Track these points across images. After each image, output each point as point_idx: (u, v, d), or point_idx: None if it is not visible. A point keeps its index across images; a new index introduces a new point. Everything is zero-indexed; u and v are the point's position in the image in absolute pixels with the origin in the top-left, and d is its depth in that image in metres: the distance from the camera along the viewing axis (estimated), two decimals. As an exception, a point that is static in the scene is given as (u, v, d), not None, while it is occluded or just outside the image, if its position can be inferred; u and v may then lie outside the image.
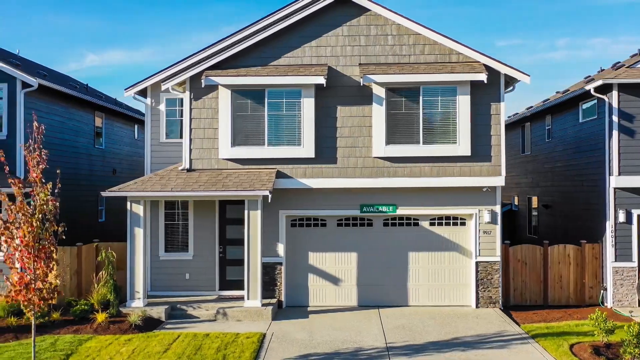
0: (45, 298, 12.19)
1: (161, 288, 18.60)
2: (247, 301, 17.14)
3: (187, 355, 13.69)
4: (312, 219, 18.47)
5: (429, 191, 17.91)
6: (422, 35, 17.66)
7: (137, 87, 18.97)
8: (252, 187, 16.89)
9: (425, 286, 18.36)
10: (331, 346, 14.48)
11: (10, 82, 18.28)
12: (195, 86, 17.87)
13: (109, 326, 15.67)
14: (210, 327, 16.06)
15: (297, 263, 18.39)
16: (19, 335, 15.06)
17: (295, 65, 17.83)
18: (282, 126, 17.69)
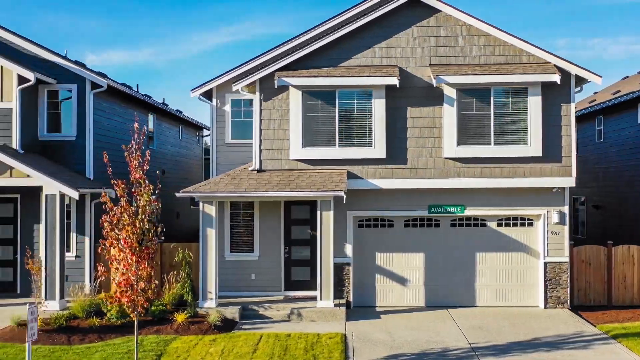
0: (150, 299, 12.25)
1: (227, 288, 18.62)
2: (319, 302, 17.18)
3: (277, 355, 13.73)
4: (380, 220, 18.51)
5: (497, 192, 17.95)
6: (493, 36, 17.70)
7: (203, 88, 19.04)
8: (325, 188, 16.93)
9: (493, 286, 18.40)
10: (415, 346, 14.52)
11: (80, 83, 18.32)
12: (265, 87, 17.91)
13: (189, 326, 15.70)
14: (287, 328, 16.09)
15: (365, 263, 18.43)
16: (102, 336, 15.09)
17: (365, 66, 17.88)
18: (352, 127, 17.73)
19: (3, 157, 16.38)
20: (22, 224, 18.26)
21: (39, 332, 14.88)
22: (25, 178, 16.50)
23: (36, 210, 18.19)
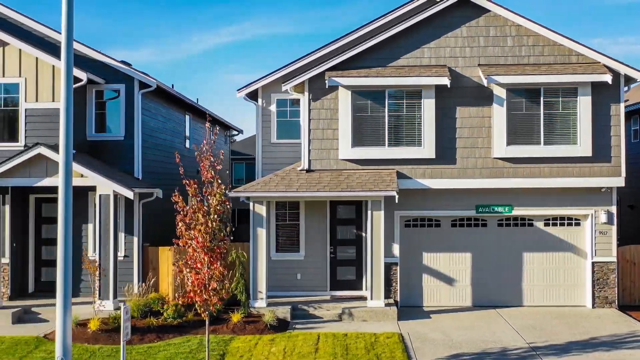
0: (223, 298, 12.28)
1: (273, 288, 18.61)
2: (369, 301, 17.21)
3: (340, 355, 13.75)
4: (427, 220, 18.53)
5: (545, 191, 17.96)
6: (542, 36, 17.72)
7: (249, 88, 19.09)
8: (377, 188, 16.96)
9: (540, 286, 18.41)
10: (474, 346, 14.53)
11: (128, 83, 18.33)
12: (314, 87, 17.94)
13: (244, 326, 15.73)
14: (340, 327, 16.11)
15: (411, 263, 18.44)
16: (160, 336, 15.11)
17: (414, 66, 17.90)
18: (401, 127, 17.75)
19: (57, 156, 16.36)
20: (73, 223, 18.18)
21: (98, 332, 14.99)
22: (79, 178, 16.51)
23: (84, 211, 18.21)
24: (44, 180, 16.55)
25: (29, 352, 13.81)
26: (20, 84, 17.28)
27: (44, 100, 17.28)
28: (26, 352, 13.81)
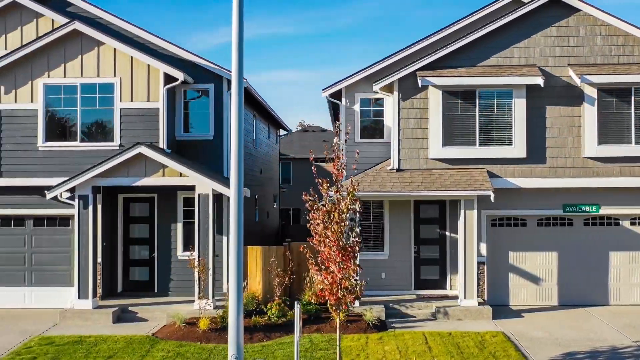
0: (358, 296, 12.31)
1: (357, 287, 18.68)
2: (462, 300, 17.26)
3: (455, 353, 13.79)
4: (512, 219, 18.57)
5: (632, 191, 17.99)
6: (633, 35, 17.76)
7: (333, 88, 19.18)
8: (471, 187, 17.03)
9: (626, 285, 18.44)
10: (582, 344, 14.56)
11: (217, 83, 18.36)
12: (403, 87, 17.99)
13: (347, 325, 15.76)
14: (439, 326, 16.15)
15: (498, 262, 18.48)
16: (268, 335, 15.16)
17: (504, 65, 17.95)
18: (492, 126, 17.80)
19: (157, 155, 16.45)
20: (159, 223, 18.29)
21: (208, 331, 15.04)
22: (177, 177, 16.57)
23: (173, 210, 18.25)
24: (143, 180, 16.58)
25: (148, 351, 13.84)
26: (115, 84, 17.32)
27: (139, 100, 17.31)
28: (145, 351, 13.84)
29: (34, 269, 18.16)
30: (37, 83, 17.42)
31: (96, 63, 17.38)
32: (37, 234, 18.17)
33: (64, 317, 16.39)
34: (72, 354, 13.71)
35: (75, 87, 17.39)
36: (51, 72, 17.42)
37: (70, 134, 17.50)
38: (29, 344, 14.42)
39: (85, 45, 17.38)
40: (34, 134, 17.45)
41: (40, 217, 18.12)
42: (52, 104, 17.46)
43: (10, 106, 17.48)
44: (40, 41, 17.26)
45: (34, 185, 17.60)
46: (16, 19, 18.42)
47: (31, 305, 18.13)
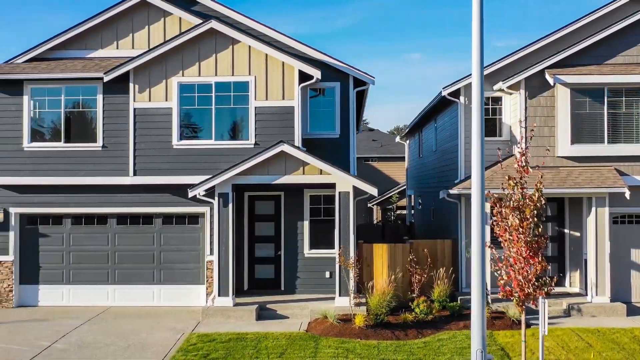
0: (549, 293, 12.39)
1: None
2: (595, 297, 17.34)
3: (616, 349, 13.86)
4: (634, 216, 18.65)
5: None
6: None
7: (453, 87, 19.24)
8: (604, 185, 17.13)
9: None
10: None
11: (343, 81, 18.42)
12: (530, 85, 18.09)
13: (492, 322, 15.85)
14: (578, 322, 16.23)
15: (620, 260, 18.54)
16: (421, 331, 15.23)
17: (631, 64, 18.05)
18: (620, 124, 17.88)
19: (299, 153, 16.51)
20: (286, 221, 18.34)
21: (364, 328, 15.10)
22: (316, 175, 16.63)
23: (299, 208, 18.30)
24: (283, 178, 16.63)
25: (316, 348, 13.89)
26: (249, 82, 17.37)
27: (274, 99, 17.36)
28: (313, 348, 13.89)
29: (163, 266, 18.22)
30: (171, 82, 17.47)
31: (231, 61, 17.42)
32: (166, 232, 18.23)
33: (206, 314, 16.46)
34: (241, 350, 13.77)
35: (210, 85, 17.44)
36: (185, 70, 17.47)
37: (204, 132, 17.54)
38: (190, 341, 14.48)
39: (219, 44, 17.42)
40: (168, 133, 17.50)
41: (169, 215, 18.19)
42: (186, 103, 17.50)
43: (144, 105, 17.53)
44: (176, 40, 17.31)
45: (165, 183, 17.66)
46: (143, 18, 18.48)
47: (160, 303, 18.19)
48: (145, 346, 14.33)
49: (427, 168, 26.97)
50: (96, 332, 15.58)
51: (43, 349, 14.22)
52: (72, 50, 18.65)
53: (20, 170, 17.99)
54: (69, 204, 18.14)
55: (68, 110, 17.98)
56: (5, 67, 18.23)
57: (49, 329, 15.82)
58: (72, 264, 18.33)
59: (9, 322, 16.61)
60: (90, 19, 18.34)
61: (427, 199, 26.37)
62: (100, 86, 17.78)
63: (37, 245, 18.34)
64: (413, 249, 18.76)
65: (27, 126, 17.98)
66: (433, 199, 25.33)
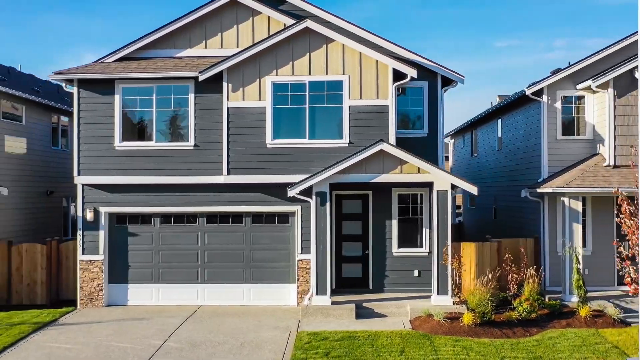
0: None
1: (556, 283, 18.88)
2: (687, 295, 17.38)
3: None
4: None
5: None
6: None
7: (537, 86, 19.32)
8: (699, 183, 17.17)
9: None
10: None
11: (431, 80, 18.44)
12: (618, 84, 18.18)
13: (594, 320, 15.88)
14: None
15: None
16: (527, 329, 15.23)
17: None
18: None
19: (398, 152, 16.55)
20: (374, 220, 18.37)
21: (472, 326, 15.12)
22: (414, 174, 16.67)
23: (387, 207, 18.32)
24: (381, 177, 16.68)
25: (433, 346, 13.92)
26: (343, 82, 17.39)
27: (367, 98, 17.38)
28: (430, 346, 13.92)
29: (253, 265, 18.24)
30: (264, 81, 17.48)
31: (324, 60, 17.44)
32: (256, 231, 18.26)
33: (305, 313, 16.49)
34: (359, 348, 13.79)
35: (304, 84, 17.47)
36: (279, 70, 17.49)
37: (298, 131, 17.57)
38: (303, 339, 14.48)
39: (313, 43, 17.44)
40: (261, 132, 17.51)
41: (259, 214, 18.22)
42: (279, 102, 17.53)
43: (237, 104, 17.55)
44: (270, 40, 17.32)
45: (257, 182, 17.69)
46: (232, 18, 18.51)
47: (249, 302, 18.22)
48: (260, 344, 14.35)
49: (487, 167, 27.01)
50: (200, 330, 15.60)
51: (157, 347, 14.25)
52: (160, 49, 18.69)
53: (111, 169, 18.03)
54: (159, 203, 18.17)
55: (159, 110, 18.01)
56: (96, 66, 18.26)
57: (152, 328, 15.85)
58: (162, 263, 18.36)
59: (109, 321, 16.63)
60: (179, 19, 18.38)
61: (486, 198, 26.39)
62: (192, 85, 17.81)
63: (126, 245, 18.37)
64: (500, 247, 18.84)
65: (118, 125, 18.01)
66: (496, 198, 25.40)
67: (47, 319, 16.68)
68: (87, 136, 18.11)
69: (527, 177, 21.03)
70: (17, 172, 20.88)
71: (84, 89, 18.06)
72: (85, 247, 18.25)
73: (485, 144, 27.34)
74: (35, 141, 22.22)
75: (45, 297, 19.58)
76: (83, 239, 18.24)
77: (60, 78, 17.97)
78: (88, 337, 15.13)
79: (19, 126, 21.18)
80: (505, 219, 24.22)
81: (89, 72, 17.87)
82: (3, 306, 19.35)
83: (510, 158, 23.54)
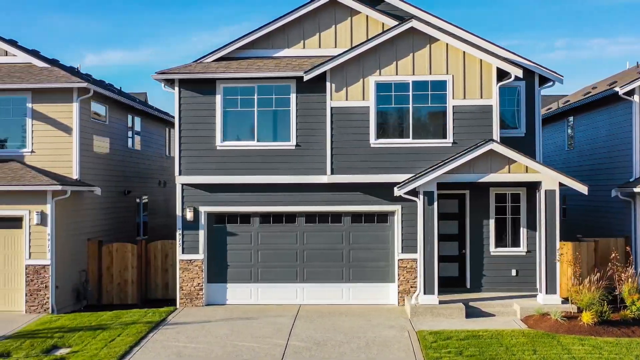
0: None
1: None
2: None
3: None
4: None
5: None
6: None
7: (628, 86, 19.31)
8: None
9: None
10: None
11: (529, 80, 18.45)
12: None
13: None
14: None
15: None
16: (645, 329, 15.31)
17: None
18: None
19: (507, 151, 16.55)
20: (471, 219, 18.41)
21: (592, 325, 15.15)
22: (521, 173, 16.69)
23: (484, 206, 18.36)
24: (488, 176, 16.70)
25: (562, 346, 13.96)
26: (447, 81, 17.43)
27: (471, 97, 17.42)
28: (558, 345, 13.96)
29: (352, 265, 18.30)
30: (368, 81, 17.52)
31: (428, 60, 17.48)
32: (355, 230, 18.31)
33: (415, 312, 16.53)
34: (488, 347, 13.83)
35: (407, 84, 17.51)
36: (382, 69, 17.54)
37: (402, 131, 17.62)
38: (427, 338, 14.50)
39: (416, 43, 17.48)
40: (365, 131, 17.55)
41: (358, 213, 18.26)
42: (383, 102, 17.57)
43: (340, 104, 17.59)
44: (374, 40, 17.35)
45: (359, 182, 17.74)
46: (330, 18, 18.56)
47: (348, 301, 18.27)
48: (385, 343, 14.40)
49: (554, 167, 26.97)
50: (317, 329, 15.64)
51: (283, 347, 14.29)
52: (258, 49, 18.74)
53: (212, 169, 18.09)
54: (258, 202, 18.23)
55: (260, 109, 18.06)
56: (197, 66, 18.30)
57: (266, 327, 15.89)
58: (260, 262, 18.41)
59: (217, 320, 16.66)
60: (278, 19, 18.43)
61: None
62: (294, 85, 17.87)
63: (225, 244, 18.42)
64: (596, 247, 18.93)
65: (219, 125, 18.07)
66: (565, 198, 25.39)
67: (156, 319, 16.72)
68: (187, 136, 18.17)
69: (610, 177, 21.03)
70: (103, 172, 20.92)
71: (184, 89, 18.12)
72: (185, 246, 18.30)
73: (553, 144, 27.29)
74: (116, 141, 22.25)
75: (136, 297, 19.70)
76: (183, 239, 18.29)
77: (161, 78, 18.01)
78: (208, 336, 15.18)
79: (104, 126, 21.22)
80: (577, 219, 24.22)
81: (190, 72, 17.91)
82: (96, 306, 19.48)
83: (586, 158, 23.55)
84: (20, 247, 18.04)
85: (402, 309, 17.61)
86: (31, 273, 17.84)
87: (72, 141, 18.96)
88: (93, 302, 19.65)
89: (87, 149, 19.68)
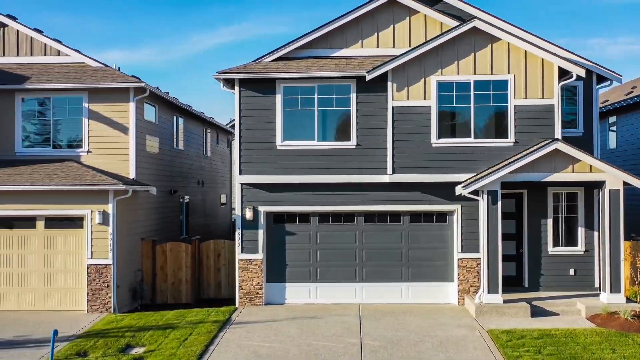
0: None
1: None
2: None
3: None
4: None
5: None
6: None
7: (683, 84, 19.35)
8: None
9: None
10: None
11: (587, 79, 18.45)
12: None
13: None
14: None
15: None
16: None
17: None
18: None
19: (571, 150, 16.57)
20: (529, 219, 18.44)
21: (661, 324, 15.17)
22: (585, 173, 16.72)
23: (542, 206, 18.40)
24: (552, 176, 16.74)
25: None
26: (509, 81, 17.46)
27: (532, 97, 17.46)
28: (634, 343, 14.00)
29: (411, 264, 18.34)
30: (429, 80, 17.56)
31: (489, 60, 17.52)
32: (414, 230, 18.35)
33: (480, 312, 16.57)
34: (565, 346, 13.87)
35: (468, 84, 17.54)
36: (443, 69, 17.57)
37: (463, 130, 17.65)
38: (500, 337, 14.54)
39: (478, 43, 17.51)
40: (426, 131, 17.59)
41: (417, 213, 18.30)
42: (444, 101, 17.61)
43: (402, 103, 17.63)
44: (436, 40, 17.39)
45: (420, 181, 17.80)
46: (388, 17, 18.59)
47: (407, 300, 18.32)
48: (459, 342, 14.45)
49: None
50: (386, 328, 15.67)
51: (359, 346, 14.34)
52: (316, 49, 18.77)
53: (272, 168, 18.14)
54: (317, 202, 18.26)
55: (320, 109, 18.11)
56: (257, 66, 18.34)
57: (335, 326, 15.93)
58: (319, 261, 18.46)
59: (282, 319, 16.69)
60: (336, 19, 18.46)
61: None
62: (354, 85, 17.92)
63: (284, 243, 18.46)
64: None
65: (279, 125, 18.11)
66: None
67: (221, 318, 16.76)
68: (247, 135, 18.22)
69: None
70: (154, 172, 20.98)
71: (244, 88, 18.16)
72: (245, 246, 18.35)
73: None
74: (164, 141, 22.30)
75: (190, 296, 19.77)
76: (242, 238, 18.33)
77: (221, 78, 18.04)
78: (279, 335, 15.22)
79: (154, 126, 21.26)
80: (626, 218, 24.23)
81: (251, 72, 17.95)
82: (150, 305, 19.53)
83: (629, 158, 23.63)
84: (81, 247, 18.09)
85: (463, 308, 17.66)
86: (93, 272, 17.89)
87: (129, 141, 19.04)
88: (147, 302, 19.70)
89: (141, 149, 19.74)
